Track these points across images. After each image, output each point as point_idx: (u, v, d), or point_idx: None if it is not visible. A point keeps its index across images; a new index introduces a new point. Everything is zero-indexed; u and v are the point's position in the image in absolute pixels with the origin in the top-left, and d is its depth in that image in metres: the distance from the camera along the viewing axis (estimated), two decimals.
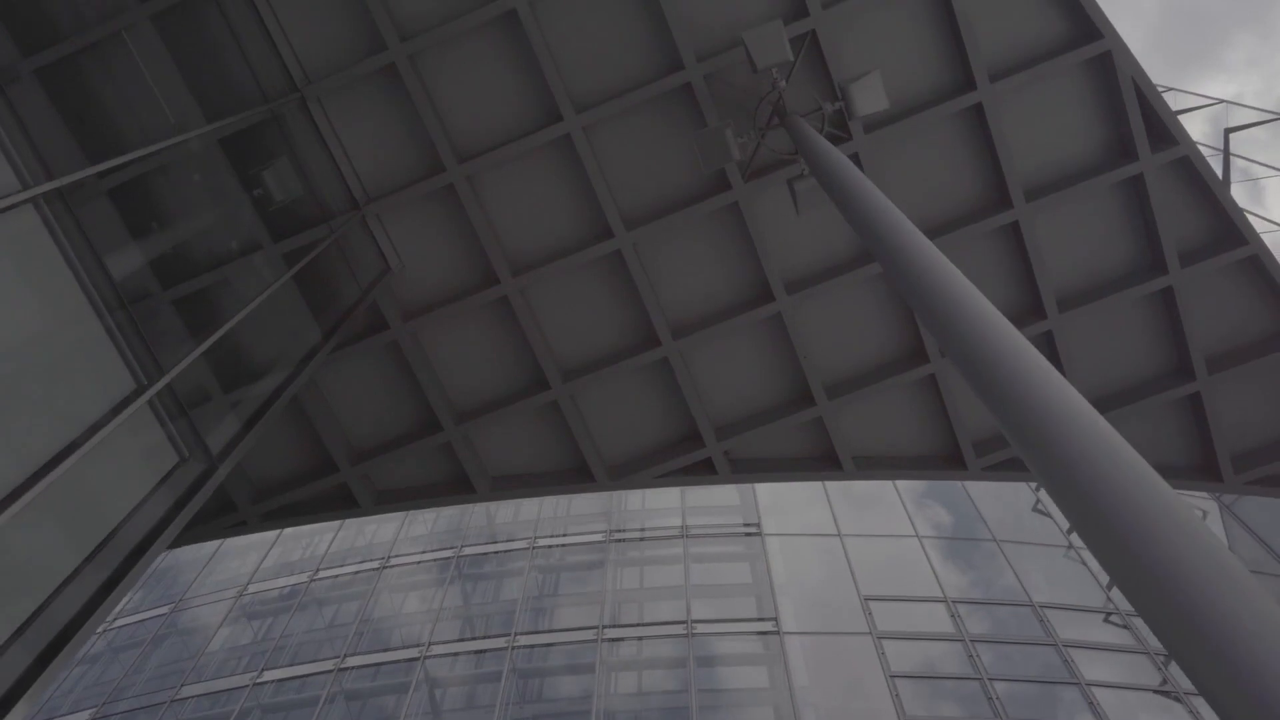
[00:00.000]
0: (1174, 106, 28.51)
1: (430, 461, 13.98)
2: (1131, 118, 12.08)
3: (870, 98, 10.95)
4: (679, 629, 18.22)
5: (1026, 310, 13.14)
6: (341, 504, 14.08)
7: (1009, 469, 13.95)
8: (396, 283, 13.06)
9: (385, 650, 19.47)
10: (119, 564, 6.61)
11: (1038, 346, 13.24)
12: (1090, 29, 11.86)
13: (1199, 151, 12.30)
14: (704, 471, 13.85)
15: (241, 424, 8.62)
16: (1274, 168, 24.28)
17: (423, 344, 13.27)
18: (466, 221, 12.70)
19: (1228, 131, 25.42)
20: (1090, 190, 12.47)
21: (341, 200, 12.47)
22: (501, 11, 11.76)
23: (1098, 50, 11.88)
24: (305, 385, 13.11)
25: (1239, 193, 26.54)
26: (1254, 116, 25.73)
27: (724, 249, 12.94)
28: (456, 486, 13.98)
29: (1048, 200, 12.48)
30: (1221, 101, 27.80)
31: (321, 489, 13.87)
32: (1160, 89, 30.18)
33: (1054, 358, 13.24)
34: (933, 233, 12.76)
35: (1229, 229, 12.60)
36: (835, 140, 12.20)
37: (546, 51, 11.95)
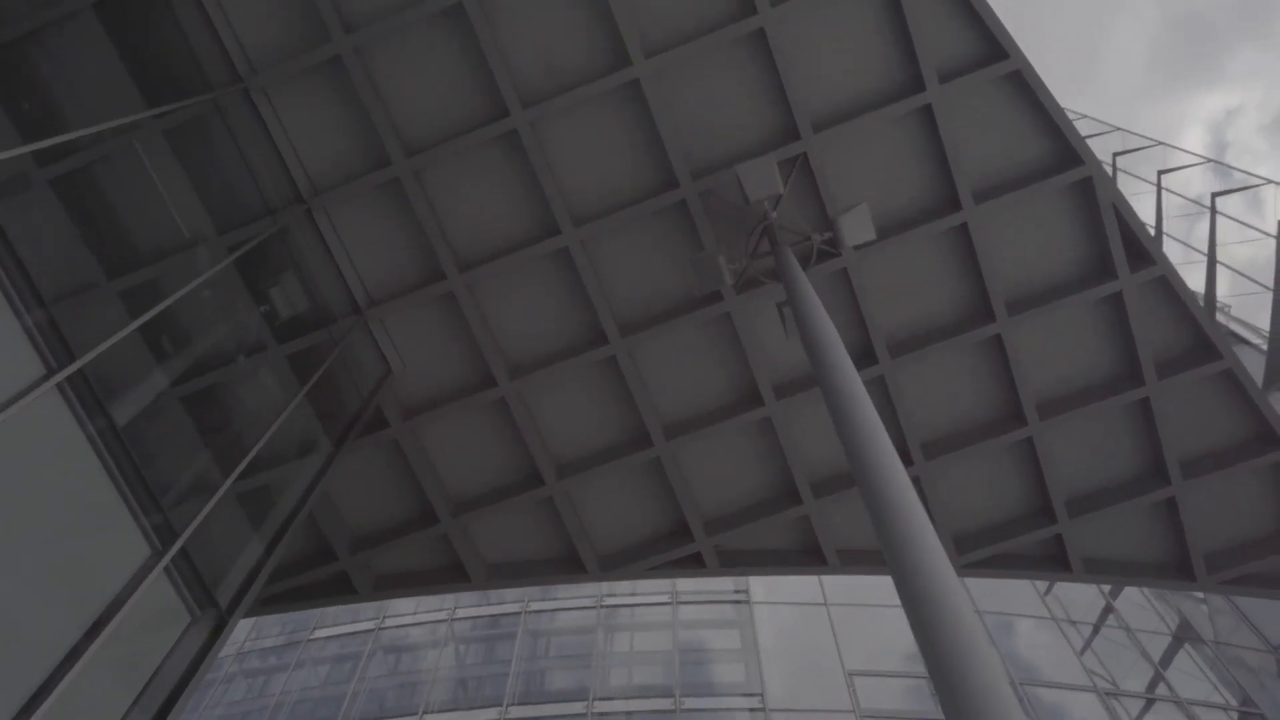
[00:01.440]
0: (1163, 166, 28.98)
1: (427, 550, 14.35)
2: (1111, 239, 12.49)
3: (858, 229, 11.37)
4: (667, 703, 18.64)
5: (1008, 416, 13.55)
6: (340, 590, 14.45)
7: (992, 565, 14.36)
8: (397, 382, 13.43)
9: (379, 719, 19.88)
10: None
11: (1019, 452, 13.70)
12: (1072, 155, 12.27)
13: (1176, 272, 12.72)
14: (693, 565, 14.24)
15: (250, 568, 9.00)
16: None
17: (422, 440, 13.64)
18: (466, 326, 13.07)
19: (1214, 195, 25.88)
20: (1071, 305, 12.88)
21: (344, 305, 12.85)
22: (503, 131, 12.16)
23: (1079, 176, 12.30)
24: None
25: (1237, 201, 26.96)
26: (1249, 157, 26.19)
27: (716, 355, 13.34)
28: (452, 575, 14.36)
29: (1030, 314, 12.89)
30: (1210, 161, 28.25)
31: (320, 575, 14.24)
32: (1151, 144, 30.64)
33: (1034, 462, 13.65)
34: (918, 341, 13.18)
35: (1204, 344, 13.01)
36: (826, 256, 12.59)
37: (546, 168, 12.34)
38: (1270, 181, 25.10)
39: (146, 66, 10.79)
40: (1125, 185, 31.27)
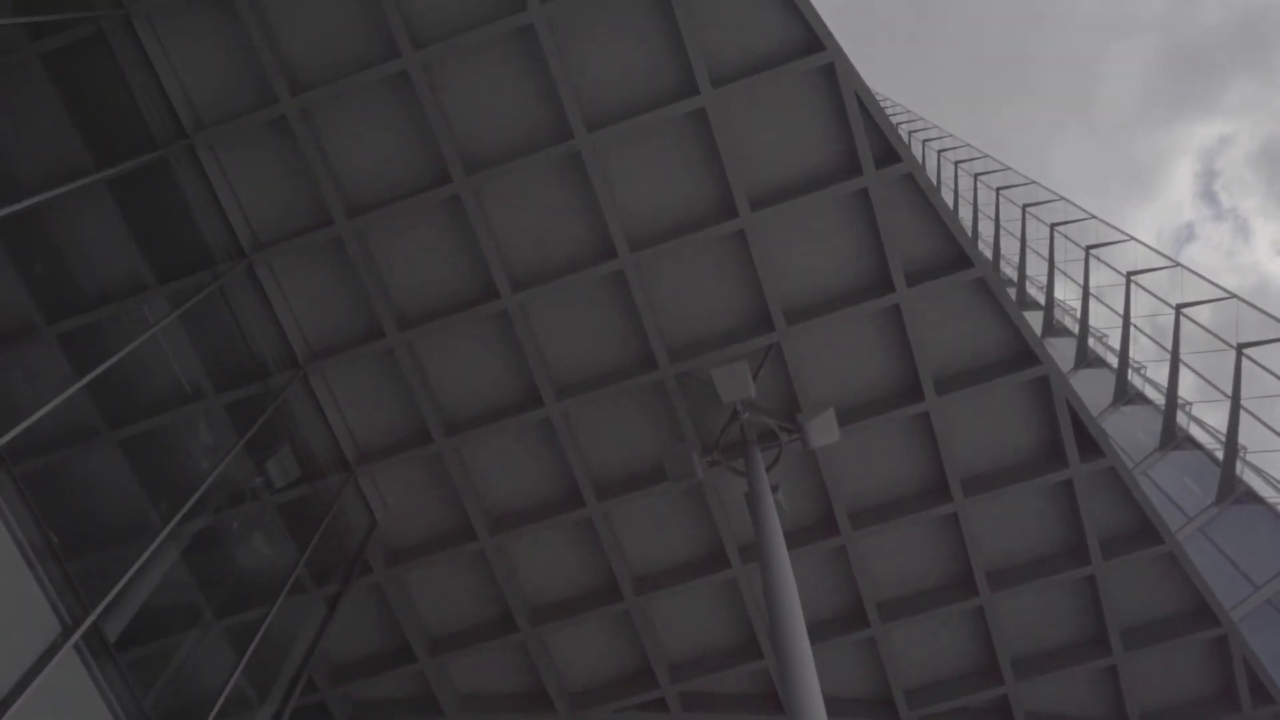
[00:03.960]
0: (1137, 265, 29.83)
1: (404, 682, 14.97)
2: (1064, 431, 13.22)
3: (823, 433, 12.06)
4: None
5: (960, 584, 14.27)
6: (318, 719, 15.04)
7: None
8: (382, 527, 14.03)
9: None
10: None
11: (971, 620, 14.44)
12: (1031, 355, 12.99)
13: (1124, 463, 13.47)
14: (657, 709, 14.91)
15: None
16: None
17: (404, 582, 14.26)
18: (451, 483, 13.68)
19: (1179, 306, 26.72)
20: (1025, 489, 13.60)
21: (335, 463, 13.44)
22: (495, 311, 12.79)
23: (1036, 374, 13.03)
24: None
25: (1226, 231, 27.62)
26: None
27: (687, 519, 14.03)
28: (427, 708, 14.98)
29: (985, 496, 13.61)
30: (1178, 264, 29.08)
31: (299, 704, 14.79)
32: (1124, 239, 31.47)
33: (983, 627, 14.39)
34: (879, 514, 13.88)
35: (1148, 528, 13.76)
36: (794, 426, 13.26)
37: (533, 343, 12.98)
38: (1232, 295, 25.94)
39: (156, 241, 11.41)
40: (1096, 276, 32.10)
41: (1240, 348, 23.91)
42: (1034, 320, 35.27)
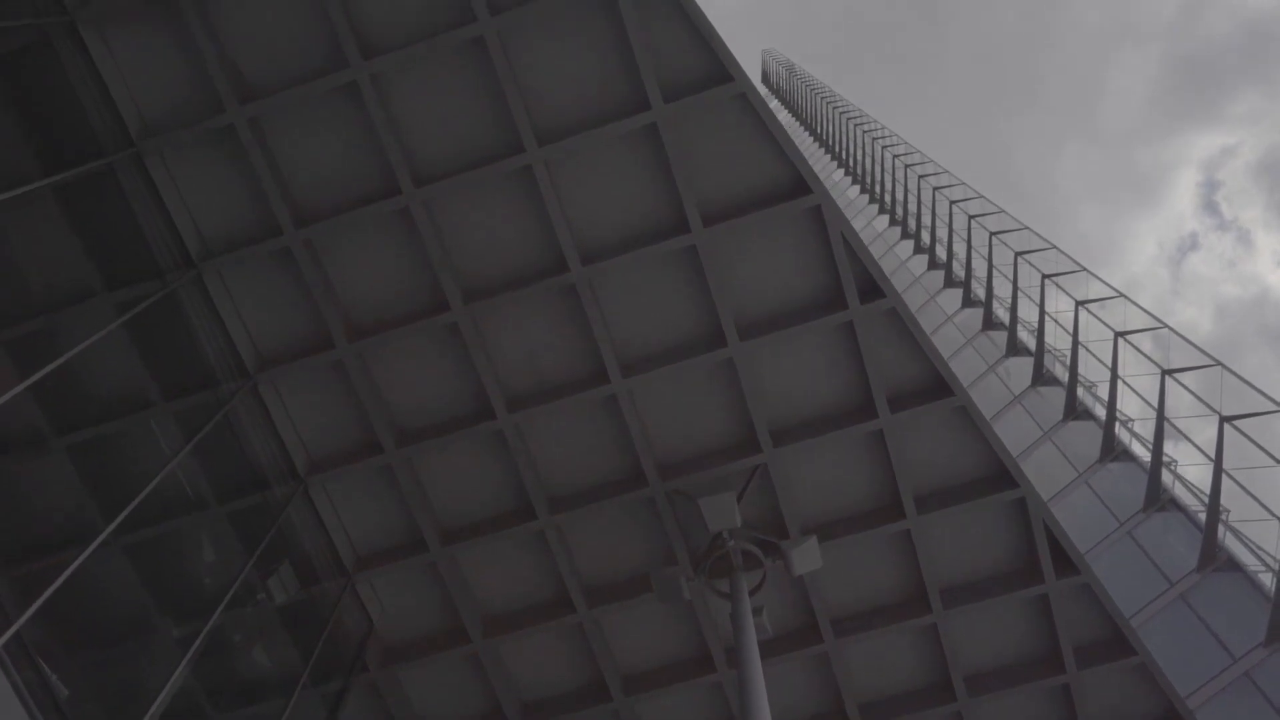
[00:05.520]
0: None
1: None
2: (1040, 550, 13.62)
3: (806, 560, 12.46)
4: None
5: (938, 688, 14.69)
6: None
7: None
8: (378, 628, 14.44)
9: None
10: None
11: None
12: (1009, 479, 13.40)
13: (1099, 580, 13.88)
14: None
15: None
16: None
17: (399, 681, 14.67)
18: (446, 587, 14.10)
19: (1164, 372, 27.15)
20: (1003, 604, 14.02)
21: (334, 570, 13.85)
22: (491, 431, 13.19)
23: (1015, 496, 13.44)
24: None
25: (1228, 242, 28.01)
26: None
27: (675, 623, 14.46)
28: None
29: (964, 608, 14.03)
30: (1165, 326, 29.50)
31: None
32: (1114, 295, 31.85)
33: None
34: (861, 623, 14.30)
35: (1123, 642, 14.17)
36: (778, 549, 13.68)
37: (527, 460, 13.40)
38: (1217, 363, 26.33)
39: (164, 362, 11.84)
40: (1086, 332, 32.55)
41: (1224, 419, 24.31)
42: (1024, 368, 35.70)
